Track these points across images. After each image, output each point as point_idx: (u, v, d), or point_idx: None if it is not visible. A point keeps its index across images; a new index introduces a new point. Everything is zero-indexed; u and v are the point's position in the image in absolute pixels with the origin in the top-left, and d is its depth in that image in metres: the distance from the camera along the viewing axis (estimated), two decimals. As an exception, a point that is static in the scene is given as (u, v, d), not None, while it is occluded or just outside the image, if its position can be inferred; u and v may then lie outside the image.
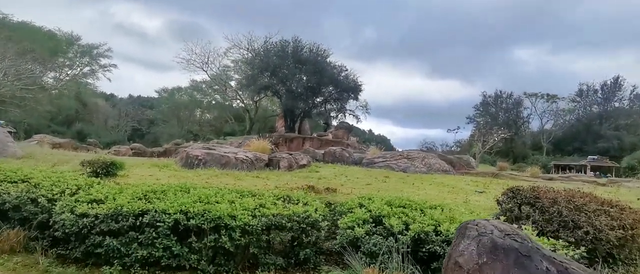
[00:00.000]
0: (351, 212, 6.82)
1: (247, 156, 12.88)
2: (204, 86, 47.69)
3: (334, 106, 35.84)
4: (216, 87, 43.99)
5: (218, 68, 40.18)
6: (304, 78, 29.61)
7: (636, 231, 7.35)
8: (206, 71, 39.46)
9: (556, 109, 52.06)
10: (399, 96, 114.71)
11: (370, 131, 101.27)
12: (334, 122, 50.02)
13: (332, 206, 8.08)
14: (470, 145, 52.90)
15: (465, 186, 12.60)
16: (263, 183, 10.09)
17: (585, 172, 34.07)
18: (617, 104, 48.79)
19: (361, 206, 7.13)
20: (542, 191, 8.41)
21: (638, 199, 11.56)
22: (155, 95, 56.46)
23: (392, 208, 6.79)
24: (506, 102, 53.95)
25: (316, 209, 6.77)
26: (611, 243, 6.97)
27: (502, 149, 52.85)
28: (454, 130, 54.78)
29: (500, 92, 53.93)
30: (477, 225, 4.49)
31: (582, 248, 6.03)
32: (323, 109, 35.73)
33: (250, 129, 35.98)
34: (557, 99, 50.98)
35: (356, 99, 33.82)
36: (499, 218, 6.90)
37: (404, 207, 7.03)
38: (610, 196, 9.89)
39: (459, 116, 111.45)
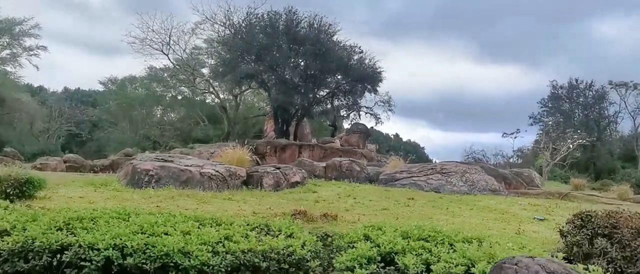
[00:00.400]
0: (352, 247, 6.85)
1: (217, 171, 12.97)
2: (165, 75, 47.99)
3: (344, 102, 36.04)
4: (182, 76, 44.26)
5: (184, 50, 40.46)
6: (302, 63, 29.74)
7: None
8: (168, 55, 39.74)
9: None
10: (437, 87, 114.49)
11: (396, 136, 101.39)
12: (346, 125, 50.33)
13: (330, 238, 8.12)
14: (535, 155, 52.68)
15: (521, 212, 12.59)
16: (237, 208, 10.17)
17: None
18: None
19: (367, 238, 7.16)
20: (623, 217, 8.39)
21: None
22: (100, 88, 56.81)
23: (409, 242, 6.82)
24: (585, 95, 53.67)
25: (304, 244, 6.82)
26: None
27: (580, 160, 52.61)
28: (512, 134, 54.48)
29: (577, 81, 53.69)
30: (516, 264, 4.53)
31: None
32: (329, 105, 35.91)
33: (229, 134, 36.17)
34: (656, 90, 50.73)
35: (374, 91, 33.94)
36: (555, 256, 6.80)
37: (426, 239, 7.06)
38: None
39: (519, 114, 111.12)
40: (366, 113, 41.07)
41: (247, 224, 7.38)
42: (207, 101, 48.53)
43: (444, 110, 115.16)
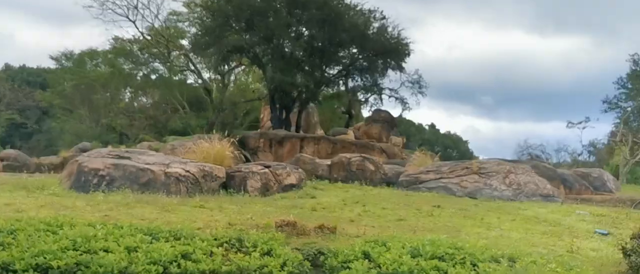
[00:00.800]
0: (347, 267, 6.88)
1: (187, 171, 13.02)
2: (135, 48, 47.90)
3: (361, 83, 35.96)
4: (156, 50, 44.27)
5: (157, 16, 40.38)
6: (305, 32, 29.63)
7: None
8: (135, 22, 39.77)
9: None
10: (484, 65, 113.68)
11: (432, 126, 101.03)
12: (366, 112, 50.03)
13: (323, 257, 8.12)
14: (611, 151, 52.20)
15: (579, 224, 12.52)
16: (208, 217, 10.19)
17: None
18: None
19: (366, 256, 7.20)
20: None
21: None
22: (52, 64, 56.88)
23: (418, 261, 6.84)
24: (675, 73, 53.08)
25: (284, 263, 6.84)
26: None
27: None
28: (580, 124, 54.00)
29: (665, 53, 53.06)
30: None
31: None
32: (342, 87, 35.89)
33: (214, 123, 36.21)
34: None
35: (400, 68, 33.79)
36: None
37: (442, 258, 7.09)
38: None
39: (591, 98, 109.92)
40: (390, 97, 40.65)
41: (214, 239, 7.43)
42: (189, 81, 48.39)
43: (492, 93, 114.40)
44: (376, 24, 31.75)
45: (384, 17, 31.92)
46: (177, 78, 48.75)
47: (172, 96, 49.05)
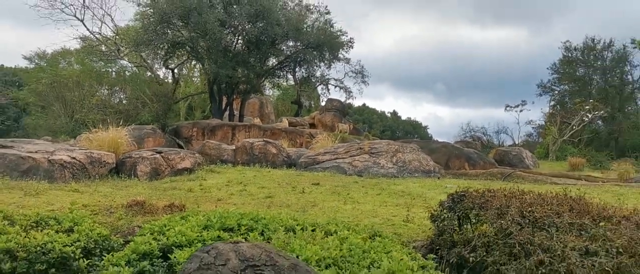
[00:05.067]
0: (132, 240, 6.74)
1: (73, 158, 12.72)
2: (104, 47, 47.49)
3: (300, 74, 35.82)
4: (123, 48, 43.83)
5: (104, 15, 39.69)
6: (239, 27, 29.37)
7: (632, 258, 7.16)
8: (83, 21, 39.11)
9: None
10: (439, 56, 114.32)
11: (394, 113, 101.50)
12: (323, 102, 50.06)
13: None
14: (547, 131, 52.56)
15: (440, 196, 12.44)
16: (71, 200, 9.96)
17: None
18: None
19: (160, 231, 7.04)
20: (496, 196, 8.26)
21: None
22: (25, 64, 56.28)
23: (203, 233, 6.71)
24: (603, 58, 53.42)
25: (78, 239, 6.67)
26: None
27: (600, 135, 52.53)
28: (517, 107, 54.31)
29: (593, 41, 53.38)
30: (208, 252, 4.46)
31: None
32: (285, 80, 35.70)
33: (159, 115, 35.79)
34: (686, 49, 50.43)
35: (335, 59, 33.70)
36: (425, 244, 6.68)
37: (231, 229, 6.97)
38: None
39: (531, 84, 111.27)
40: (335, 87, 40.80)
41: (26, 218, 7.25)
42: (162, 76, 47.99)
43: (446, 82, 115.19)
44: (312, 18, 31.61)
45: (321, 13, 31.83)
46: (150, 74, 48.31)
47: (141, 90, 48.77)
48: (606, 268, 6.90)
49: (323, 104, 47.17)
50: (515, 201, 7.93)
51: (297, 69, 35.55)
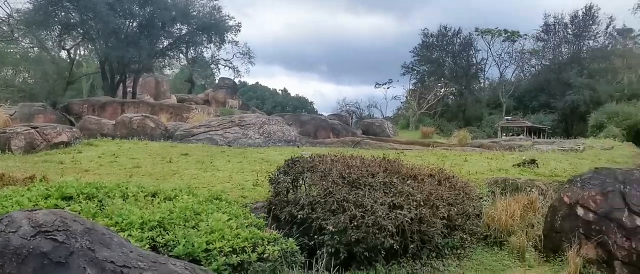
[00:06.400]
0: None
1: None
2: (5, 27, 43.35)
3: (194, 53, 34.89)
4: (22, 28, 40.09)
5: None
6: (128, 11, 27.93)
7: (431, 210, 7.47)
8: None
9: (518, 50, 54.99)
10: (323, 40, 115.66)
11: (284, 91, 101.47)
12: (218, 80, 49.07)
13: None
14: (408, 105, 54.65)
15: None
16: None
17: (530, 135, 36.73)
18: (591, 43, 52.53)
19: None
20: (324, 160, 8.34)
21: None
22: None
23: (39, 202, 6.31)
24: (453, 43, 55.99)
25: None
26: (388, 231, 7.00)
27: (452, 109, 55.24)
28: (385, 85, 56.07)
29: (446, 29, 55.78)
30: (1, 220, 4.06)
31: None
32: (174, 58, 34.53)
33: (50, 93, 33.49)
34: (518, 36, 53.73)
35: (223, 42, 33.04)
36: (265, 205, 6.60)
37: (70, 198, 6.62)
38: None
39: (397, 65, 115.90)
40: (225, 67, 40.23)
41: None
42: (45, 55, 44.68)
43: (328, 63, 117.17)
44: (200, 4, 30.73)
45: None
46: (54, 55, 44.89)
47: (41, 70, 45.35)
48: (408, 219, 7.19)
49: (217, 82, 46.48)
50: (337, 165, 8.05)
51: (187, 51, 34.60)
